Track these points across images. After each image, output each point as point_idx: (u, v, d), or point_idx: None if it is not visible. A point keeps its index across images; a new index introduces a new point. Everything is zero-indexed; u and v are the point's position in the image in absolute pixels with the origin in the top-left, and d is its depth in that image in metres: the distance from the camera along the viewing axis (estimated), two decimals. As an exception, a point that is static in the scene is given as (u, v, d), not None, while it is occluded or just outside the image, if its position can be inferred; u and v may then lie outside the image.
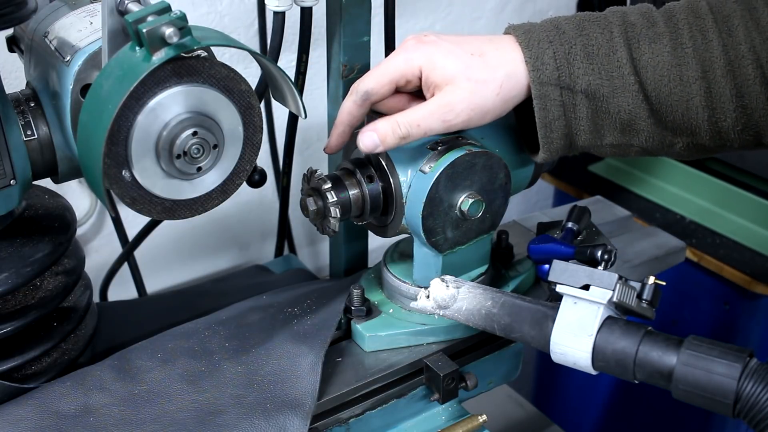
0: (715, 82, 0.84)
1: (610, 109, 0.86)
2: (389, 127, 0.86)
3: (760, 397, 0.72)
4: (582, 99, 0.85)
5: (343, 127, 0.92)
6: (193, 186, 0.81)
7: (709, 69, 0.83)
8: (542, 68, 0.85)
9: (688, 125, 0.86)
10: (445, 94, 0.85)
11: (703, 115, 0.85)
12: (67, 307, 0.94)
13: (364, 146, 0.87)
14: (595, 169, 1.81)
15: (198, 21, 1.34)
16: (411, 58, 0.87)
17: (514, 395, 1.52)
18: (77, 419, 0.84)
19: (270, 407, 0.86)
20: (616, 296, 0.81)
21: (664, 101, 0.85)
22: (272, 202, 1.53)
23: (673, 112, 0.85)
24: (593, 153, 0.91)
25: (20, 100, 0.85)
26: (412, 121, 0.86)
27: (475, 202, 0.92)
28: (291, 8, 1.06)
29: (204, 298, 1.17)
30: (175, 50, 0.73)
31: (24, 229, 0.89)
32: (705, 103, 0.84)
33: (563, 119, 0.86)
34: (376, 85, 0.88)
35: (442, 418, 0.98)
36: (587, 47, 0.85)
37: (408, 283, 0.98)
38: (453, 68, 0.85)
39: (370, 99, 0.89)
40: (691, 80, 0.84)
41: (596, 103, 0.85)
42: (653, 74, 0.84)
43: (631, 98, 0.85)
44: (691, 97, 0.84)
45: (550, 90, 0.85)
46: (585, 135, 0.87)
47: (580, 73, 0.85)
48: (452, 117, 0.86)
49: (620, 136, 0.88)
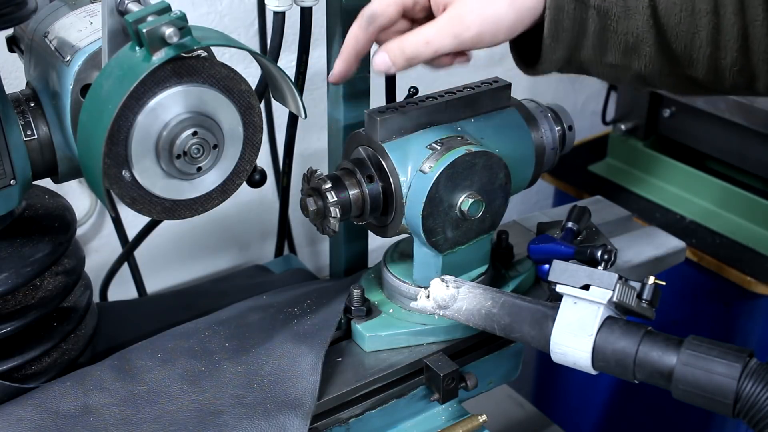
0: (725, 18, 0.82)
1: (619, 29, 0.84)
2: (397, 46, 0.83)
3: (759, 397, 0.72)
4: (593, 14, 0.83)
5: (347, 53, 0.88)
6: (193, 186, 0.81)
7: (721, 5, 0.82)
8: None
9: (689, 57, 0.85)
10: (455, 6, 0.82)
11: (706, 49, 0.83)
12: (67, 307, 0.94)
13: (376, 67, 0.85)
14: (595, 169, 1.81)
15: (198, 21, 1.34)
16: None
17: (514, 395, 1.52)
18: (77, 419, 0.84)
19: (270, 407, 0.86)
20: (616, 296, 0.81)
21: (671, 30, 0.83)
22: (272, 202, 1.53)
23: (677, 41, 0.84)
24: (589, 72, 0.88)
25: (20, 100, 0.85)
26: (421, 38, 0.83)
27: (475, 202, 0.92)
28: (291, 8, 1.06)
29: (204, 298, 1.17)
30: (175, 50, 0.73)
31: (24, 229, 0.90)
32: (710, 38, 0.83)
33: (571, 32, 0.84)
34: (381, 6, 0.85)
35: (442, 418, 0.98)
36: None
37: (408, 283, 0.98)
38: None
39: (376, 22, 0.86)
40: (702, 13, 0.82)
41: (606, 20, 0.83)
42: (667, 1, 0.83)
43: (641, 21, 0.83)
44: (699, 30, 0.83)
45: (565, 1, 0.82)
46: (588, 50, 0.85)
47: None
48: (463, 29, 0.82)
49: (621, 57, 0.85)
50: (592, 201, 1.31)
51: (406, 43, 0.83)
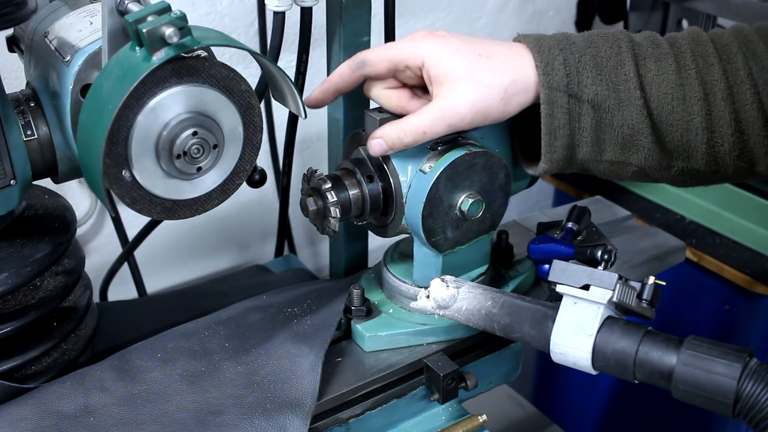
0: (716, 104, 0.85)
1: (614, 122, 0.86)
2: (395, 135, 0.87)
3: (760, 397, 0.72)
4: (588, 109, 0.85)
5: (329, 84, 0.92)
6: (193, 186, 0.81)
7: (710, 92, 0.85)
8: (552, 73, 0.85)
9: (687, 147, 0.86)
10: (449, 95, 0.85)
11: (702, 137, 0.85)
12: (67, 307, 0.94)
13: (373, 152, 0.89)
14: (595, 169, 1.81)
15: (198, 21, 1.34)
16: (417, 47, 0.87)
17: (514, 395, 1.52)
18: (77, 419, 0.84)
19: (270, 407, 0.86)
20: (616, 296, 0.81)
21: (665, 119, 0.86)
22: (272, 202, 1.53)
23: (673, 131, 0.86)
24: (590, 170, 0.91)
25: (20, 100, 0.85)
26: (418, 128, 0.86)
27: (475, 202, 0.92)
28: (291, 8, 1.06)
29: (204, 298, 1.17)
30: (175, 50, 0.73)
31: (24, 229, 0.89)
32: (705, 125, 0.85)
33: (568, 128, 0.86)
34: (375, 58, 0.88)
35: (442, 418, 0.98)
36: (596, 58, 0.86)
37: (408, 283, 0.98)
38: (458, 66, 0.85)
39: (364, 69, 0.89)
40: (693, 101, 0.85)
41: (601, 114, 0.85)
42: (658, 91, 0.85)
43: (636, 113, 0.85)
44: (692, 117, 0.85)
45: (559, 96, 0.85)
46: (586, 147, 0.87)
47: (588, 82, 0.85)
48: (457, 121, 0.86)
49: (620, 152, 0.88)
50: (592, 201, 1.31)
51: (403, 132, 0.87)
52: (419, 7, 1.61)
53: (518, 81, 0.85)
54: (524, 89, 0.86)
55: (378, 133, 0.88)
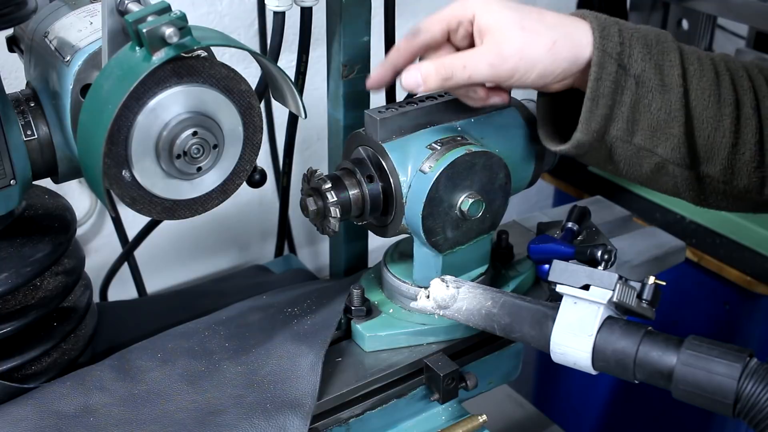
0: (744, 111, 0.87)
1: (653, 105, 0.86)
2: (433, 66, 0.85)
3: (760, 397, 0.72)
4: (632, 84, 0.85)
5: (387, 62, 0.90)
6: (193, 186, 0.81)
7: (741, 99, 0.87)
8: (607, 38, 0.84)
9: (711, 147, 0.87)
10: (496, 38, 0.84)
11: (729, 139, 0.86)
12: (67, 307, 0.94)
13: (405, 83, 0.87)
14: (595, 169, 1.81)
15: (198, 21, 1.34)
16: (467, 1, 0.87)
17: (514, 395, 1.52)
18: (77, 419, 0.84)
19: (270, 407, 0.86)
20: (616, 296, 0.81)
21: (699, 114, 0.86)
22: (272, 202, 1.53)
23: (703, 128, 0.87)
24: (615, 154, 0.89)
25: (20, 100, 0.85)
26: (458, 62, 0.84)
27: (475, 202, 0.92)
28: (291, 8, 1.06)
29: (204, 298, 1.17)
30: (175, 50, 0.73)
31: (24, 229, 0.90)
32: (733, 129, 0.86)
33: (610, 98, 0.85)
34: (428, 22, 0.88)
35: (442, 418, 0.98)
36: (647, 38, 0.86)
37: (408, 283, 0.98)
38: (507, 16, 0.84)
39: (419, 36, 0.88)
40: (726, 103, 0.86)
41: (642, 92, 0.85)
42: (698, 85, 0.86)
43: (674, 100, 0.85)
44: (724, 118, 0.86)
45: (610, 63, 0.84)
46: (621, 124, 0.86)
47: (638, 57, 0.85)
48: (500, 61, 0.84)
49: (650, 137, 0.87)
50: (592, 201, 1.31)
51: (441, 62, 0.85)
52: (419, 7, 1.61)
53: (568, 37, 0.85)
54: (574, 48, 0.84)
55: (416, 65, 0.86)
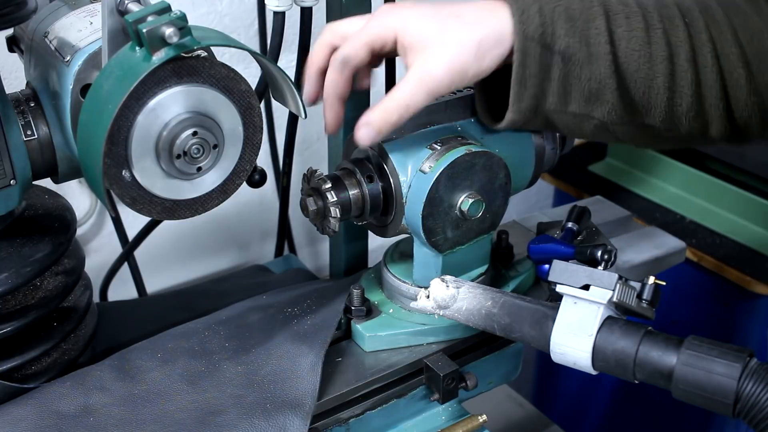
0: (679, 65, 0.85)
1: (582, 75, 0.85)
2: (379, 116, 0.85)
3: (760, 397, 0.72)
4: (557, 60, 0.85)
5: (331, 99, 0.90)
6: (193, 186, 0.81)
7: (675, 52, 0.85)
8: (528, 22, 0.84)
9: (647, 103, 0.87)
10: (423, 61, 0.84)
11: (663, 95, 0.86)
12: (67, 307, 0.94)
13: (362, 142, 0.87)
14: (595, 169, 1.81)
15: (198, 21, 1.34)
16: (385, 21, 0.86)
17: (514, 395, 1.52)
18: (77, 419, 0.84)
19: (270, 407, 0.86)
20: (616, 296, 0.81)
21: (631, 76, 0.85)
22: (272, 202, 1.53)
23: (637, 87, 0.86)
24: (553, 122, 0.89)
25: (20, 100, 0.85)
26: (400, 104, 0.85)
27: (475, 202, 0.92)
28: (291, 8, 1.06)
29: (204, 298, 1.17)
30: (175, 50, 0.73)
31: (24, 229, 0.89)
32: (668, 84, 0.85)
33: (538, 77, 0.85)
34: (352, 50, 0.87)
35: (442, 418, 0.98)
36: (569, 10, 0.85)
37: (408, 283, 0.98)
38: (427, 30, 0.84)
39: (349, 65, 0.88)
40: (659, 60, 0.85)
41: (570, 66, 0.85)
42: (626, 47, 0.85)
43: (604, 68, 0.85)
44: (656, 76, 0.85)
45: (532, 46, 0.84)
46: (552, 98, 0.86)
47: (561, 33, 0.84)
48: (435, 85, 0.84)
49: (584, 104, 0.87)
50: (592, 201, 1.31)
51: (386, 112, 0.85)
52: (419, 7, 1.61)
53: (490, 35, 0.84)
54: (497, 42, 0.84)
55: (363, 120, 0.87)
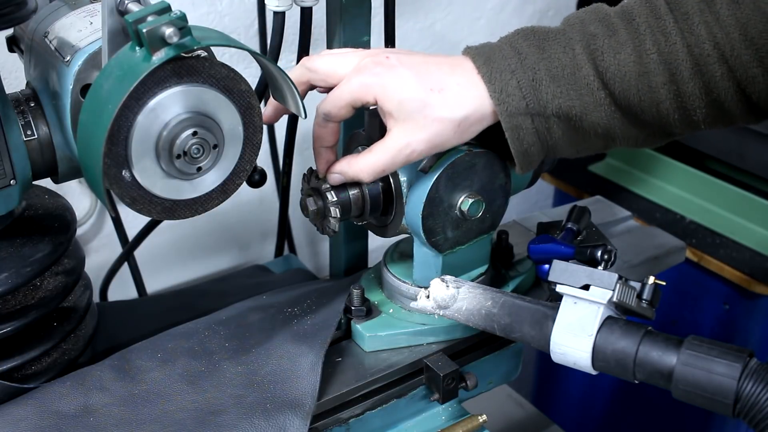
0: (683, 83, 0.83)
1: (585, 126, 0.85)
2: (353, 172, 0.88)
3: (760, 397, 0.72)
4: (555, 121, 0.85)
5: (319, 150, 0.92)
6: (193, 186, 0.81)
7: (676, 71, 0.83)
8: (508, 100, 0.83)
9: (659, 122, 0.87)
10: (403, 133, 0.84)
11: (674, 115, 0.85)
12: (67, 307, 0.94)
13: (332, 183, 0.91)
14: (595, 169, 1.81)
15: (198, 21, 1.34)
16: (366, 83, 0.85)
17: (514, 395, 1.52)
18: (77, 419, 0.84)
19: (270, 407, 0.86)
20: (616, 296, 0.81)
21: (635, 107, 0.85)
22: (272, 202, 1.53)
23: (644, 114, 0.85)
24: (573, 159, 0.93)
25: (20, 100, 0.85)
26: (376, 167, 0.87)
27: (475, 202, 0.92)
28: (291, 8, 1.06)
29: (204, 298, 1.17)
30: (175, 50, 0.73)
31: (24, 229, 0.89)
32: (675, 106, 0.84)
33: (539, 144, 0.86)
34: (333, 108, 0.88)
35: (442, 418, 0.98)
36: (551, 70, 0.84)
37: (408, 283, 0.98)
38: (409, 102, 0.84)
39: (332, 120, 0.89)
40: (659, 86, 0.83)
41: (570, 122, 0.85)
42: (621, 86, 0.83)
43: (604, 112, 0.85)
44: (661, 101, 0.84)
45: (521, 119, 0.84)
46: (563, 150, 0.88)
47: (548, 97, 0.84)
48: (414, 157, 0.86)
49: (599, 144, 0.89)
50: (592, 201, 1.31)
51: (362, 171, 0.88)
52: (419, 7, 1.61)
53: (471, 114, 0.84)
54: (479, 119, 0.85)
55: (337, 168, 0.90)
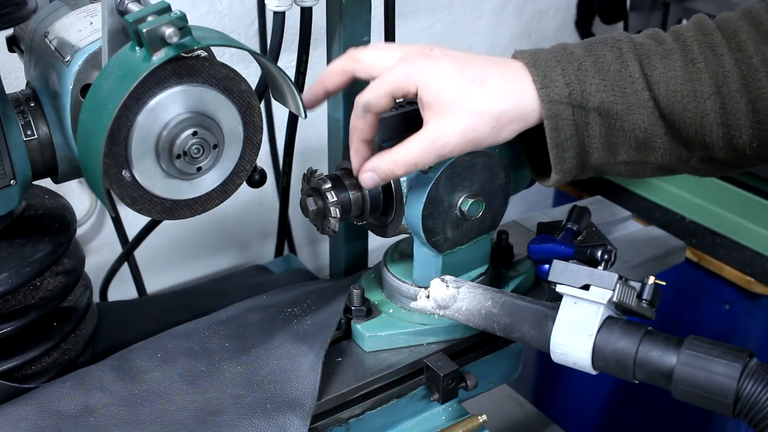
0: (730, 97, 0.81)
1: (625, 127, 0.83)
2: (387, 167, 0.86)
3: (760, 397, 0.72)
4: (595, 117, 0.82)
5: (356, 144, 0.89)
6: (193, 186, 0.81)
7: (723, 84, 0.81)
8: (551, 85, 0.82)
9: (703, 141, 0.84)
10: (439, 124, 0.83)
11: (717, 132, 0.82)
12: (67, 307, 0.94)
13: (365, 185, 0.89)
14: (595, 169, 1.81)
15: (198, 21, 1.34)
16: (408, 72, 0.84)
17: (514, 395, 1.52)
18: (77, 419, 0.84)
19: (270, 407, 0.86)
20: (616, 296, 0.81)
21: (678, 118, 0.82)
22: (272, 202, 1.53)
23: (687, 128, 0.83)
24: (606, 173, 0.88)
25: (20, 100, 0.85)
26: (409, 161, 0.84)
27: (475, 202, 0.92)
28: (291, 8, 1.06)
29: (204, 298, 1.17)
30: (175, 50, 0.73)
31: (24, 229, 0.90)
32: (720, 120, 0.82)
33: (576, 138, 0.83)
34: (374, 97, 0.86)
35: (442, 418, 0.98)
36: (598, 64, 0.83)
37: (408, 283, 0.98)
38: (449, 93, 0.82)
39: (371, 111, 0.87)
40: (705, 96, 0.81)
41: (610, 120, 0.83)
42: (666, 90, 0.82)
43: (647, 115, 0.82)
44: (706, 113, 0.82)
45: (562, 108, 0.82)
46: (598, 153, 0.85)
47: (592, 89, 0.82)
48: (447, 151, 0.83)
49: (635, 153, 0.85)
50: (592, 201, 1.31)
51: (394, 164, 0.85)
52: (419, 7, 1.61)
53: (511, 110, 0.82)
54: (518, 117, 0.83)
55: (369, 165, 0.87)
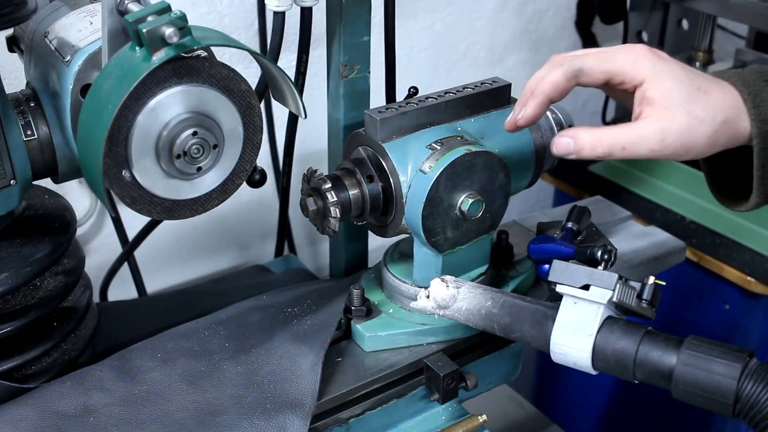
0: None
1: None
2: (590, 141, 0.82)
3: (760, 397, 0.72)
4: None
5: (543, 97, 0.83)
6: (193, 186, 0.81)
7: None
8: (762, 105, 0.81)
9: None
10: (662, 120, 0.81)
11: None
12: (67, 307, 0.94)
13: (556, 149, 0.84)
14: (595, 169, 1.81)
15: (198, 21, 1.34)
16: (641, 63, 0.82)
17: (514, 395, 1.52)
18: (77, 419, 0.84)
19: (270, 407, 0.86)
20: (616, 296, 0.81)
21: None
22: (272, 202, 1.53)
23: None
24: None
25: (20, 100, 0.85)
26: (618, 142, 0.81)
27: (475, 202, 0.92)
28: (291, 8, 1.06)
29: (204, 298, 1.17)
30: (175, 50, 0.73)
31: (24, 229, 0.90)
32: None
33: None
34: (593, 67, 0.82)
35: (442, 418, 0.98)
36: None
37: (408, 283, 0.98)
38: (677, 94, 0.81)
39: (580, 78, 0.83)
40: None
41: None
42: None
43: None
44: None
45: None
46: None
47: None
48: (661, 148, 0.81)
49: None
50: (592, 201, 1.31)
51: (599, 138, 0.81)
52: (419, 7, 1.61)
53: (729, 124, 0.81)
54: (733, 132, 0.82)
55: (572, 132, 0.83)
